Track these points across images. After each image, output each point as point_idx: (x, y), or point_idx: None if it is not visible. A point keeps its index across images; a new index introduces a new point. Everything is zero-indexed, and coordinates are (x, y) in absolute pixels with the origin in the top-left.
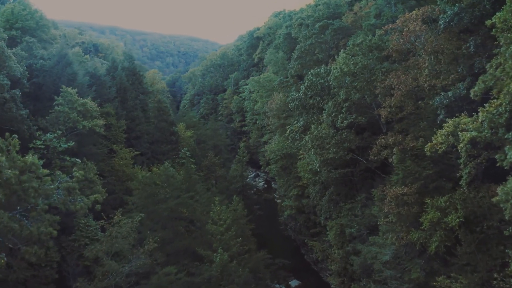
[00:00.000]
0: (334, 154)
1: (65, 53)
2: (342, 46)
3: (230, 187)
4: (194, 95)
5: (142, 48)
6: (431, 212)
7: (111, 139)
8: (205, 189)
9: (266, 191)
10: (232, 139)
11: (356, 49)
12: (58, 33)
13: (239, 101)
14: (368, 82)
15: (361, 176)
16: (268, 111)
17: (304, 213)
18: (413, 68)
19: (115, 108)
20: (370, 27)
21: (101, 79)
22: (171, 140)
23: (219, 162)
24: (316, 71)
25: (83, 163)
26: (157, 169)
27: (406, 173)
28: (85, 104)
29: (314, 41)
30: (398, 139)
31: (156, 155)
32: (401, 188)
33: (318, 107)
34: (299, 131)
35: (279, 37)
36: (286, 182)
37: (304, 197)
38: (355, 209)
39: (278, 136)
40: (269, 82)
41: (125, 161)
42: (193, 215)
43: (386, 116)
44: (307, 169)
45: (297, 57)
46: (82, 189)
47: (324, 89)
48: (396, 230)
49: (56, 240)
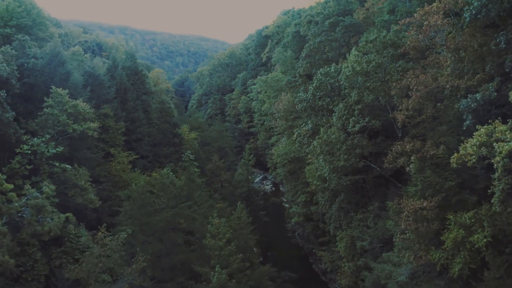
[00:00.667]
0: (345, 162)
1: (58, 52)
2: (354, 44)
3: (235, 192)
4: (202, 95)
5: (152, 48)
6: (454, 230)
7: (109, 142)
8: (207, 196)
9: (274, 194)
10: (240, 140)
11: (369, 46)
12: (59, 32)
13: (247, 102)
14: (382, 82)
15: (374, 184)
16: (275, 112)
17: (312, 220)
18: (433, 67)
19: (114, 109)
20: (384, 23)
21: (100, 79)
22: (174, 143)
23: (224, 166)
24: (326, 70)
25: (74, 169)
26: (156, 174)
27: (426, 185)
28: (77, 106)
29: (324, 38)
30: (416, 146)
31: (158, 158)
32: (420, 202)
33: (327, 109)
34: (307, 135)
35: (287, 35)
36: (294, 188)
37: (313, 204)
38: (367, 219)
39: (286, 138)
40: (277, 82)
41: (122, 166)
42: (191, 226)
43: (403, 120)
44: (315, 175)
45: (305, 56)
46: (72, 197)
47: (334, 89)
48: (414, 248)
49: (45, 251)
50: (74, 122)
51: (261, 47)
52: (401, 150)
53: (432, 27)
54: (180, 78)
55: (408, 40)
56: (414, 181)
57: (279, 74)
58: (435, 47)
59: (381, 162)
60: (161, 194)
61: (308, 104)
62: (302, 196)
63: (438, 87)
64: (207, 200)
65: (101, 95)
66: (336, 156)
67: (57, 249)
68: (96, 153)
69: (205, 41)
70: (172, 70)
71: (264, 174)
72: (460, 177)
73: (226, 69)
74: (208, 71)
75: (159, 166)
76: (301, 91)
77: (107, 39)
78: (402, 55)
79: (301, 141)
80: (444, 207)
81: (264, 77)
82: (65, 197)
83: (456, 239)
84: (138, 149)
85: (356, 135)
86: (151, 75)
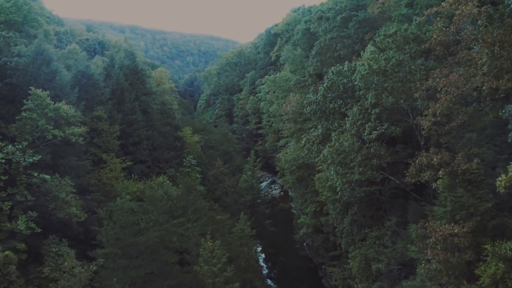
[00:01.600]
0: (360, 175)
1: (43, 49)
2: (368, 40)
3: (239, 200)
4: (210, 95)
5: (162, 47)
6: (492, 263)
7: (102, 147)
8: (207, 207)
9: (282, 199)
10: (248, 141)
11: (388, 41)
12: (59, 29)
13: (255, 102)
14: (403, 82)
15: (391, 195)
16: (284, 114)
17: (322, 232)
18: (464, 65)
19: (108, 111)
20: (401, 17)
21: (93, 79)
22: (175, 146)
23: (229, 171)
24: (338, 69)
25: (55, 179)
26: (150, 182)
27: (457, 206)
28: (58, 109)
29: (336, 35)
30: (444, 157)
31: (157, 163)
32: (449, 227)
33: (339, 112)
34: (317, 141)
35: (297, 33)
36: (302, 196)
37: (323, 215)
38: (384, 237)
39: (294, 143)
40: (286, 81)
41: (114, 174)
42: (185, 244)
43: (429, 128)
44: (325, 185)
45: (316, 54)
46: (52, 211)
47: (348, 90)
48: (442, 281)
49: (23, 270)
50: (55, 127)
51: (270, 46)
52: (426, 162)
53: (465, 17)
54: (189, 77)
55: (434, 34)
56: (442, 201)
57: (288, 74)
58: (466, 42)
59: (399, 173)
60: (151, 209)
61: (318, 106)
62: (311, 206)
63: (471, 88)
64: (206, 212)
65: (95, 96)
66: (350, 169)
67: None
68: (84, 160)
69: (216, 40)
70: (183, 69)
71: (272, 177)
72: (498, 197)
73: (235, 69)
74: (216, 71)
75: (158, 171)
76: (311, 92)
77: (111, 37)
78: (426, 51)
79: (310, 148)
80: (479, 234)
81: (272, 77)
82: (46, 210)
83: (495, 275)
84: (136, 154)
85: (373, 143)
86: (154, 75)
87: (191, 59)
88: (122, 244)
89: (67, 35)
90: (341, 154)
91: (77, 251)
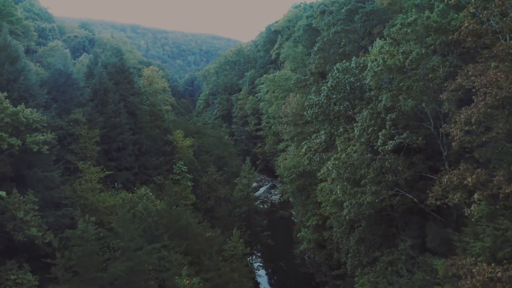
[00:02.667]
0: (373, 197)
1: (7, 45)
2: (377, 34)
3: (234, 211)
4: (209, 95)
5: (163, 47)
6: None
7: (79, 153)
8: (196, 222)
9: (282, 205)
10: (247, 143)
11: (405, 31)
12: (45, 26)
13: (255, 102)
14: (425, 81)
15: (404, 210)
16: (283, 116)
17: (325, 248)
18: (504, 60)
19: (88, 114)
20: (415, 8)
21: (72, 78)
22: (165, 151)
23: (222, 178)
24: (344, 65)
25: (14, 195)
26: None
27: (499, 241)
28: (17, 114)
29: (340, 28)
30: (481, 177)
31: (145, 170)
32: (490, 268)
33: (345, 116)
34: (320, 150)
35: (298, 29)
36: (303, 207)
37: (326, 229)
38: (398, 263)
39: (294, 147)
40: (286, 80)
41: (89, 185)
42: (163, 275)
43: (460, 139)
44: (329, 199)
45: (318, 50)
46: (9, 233)
47: (355, 91)
48: None
49: None
50: (13, 135)
51: (271, 43)
52: (457, 182)
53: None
54: (189, 77)
55: (465, 21)
56: (479, 233)
57: (288, 72)
58: (508, 31)
59: (417, 189)
60: (122, 232)
61: (320, 109)
62: (313, 219)
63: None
64: (193, 229)
65: (73, 97)
66: (360, 186)
67: None
68: (53, 171)
69: (217, 39)
70: (184, 69)
71: (272, 181)
72: None
73: (234, 67)
74: (215, 70)
75: (146, 178)
76: (312, 93)
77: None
78: (455, 43)
79: (311, 158)
80: None
81: (272, 76)
82: (4, 230)
83: None
84: (120, 160)
85: (388, 156)
86: (145, 73)
87: (193, 58)
88: (81, 280)
89: (54, 32)
90: (349, 168)
91: (44, 277)
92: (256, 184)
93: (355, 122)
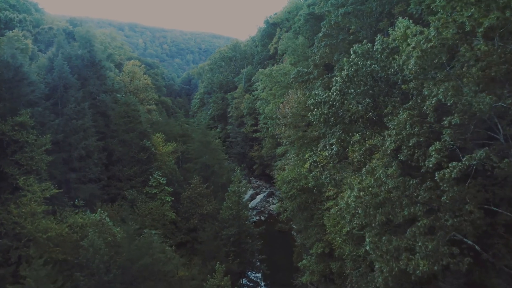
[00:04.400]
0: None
1: None
2: (398, 15)
3: (221, 233)
4: (204, 94)
5: (162, 45)
6: None
7: (24, 165)
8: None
9: (281, 216)
10: (243, 146)
11: None
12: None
13: (251, 101)
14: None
15: None
16: (281, 118)
17: (333, 283)
18: None
19: (40, 115)
20: None
21: (21, 72)
22: (140, 159)
23: (209, 192)
24: (365, 47)
25: None
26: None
27: None
28: None
29: (351, 9)
30: None
31: (116, 182)
32: None
33: (367, 120)
34: (330, 166)
35: (298, 19)
36: (305, 229)
37: (334, 259)
38: None
39: (295, 154)
40: (285, 75)
41: (29, 207)
42: None
43: None
44: (341, 232)
45: (323, 36)
46: None
47: (381, 83)
48: None
49: None
50: None
51: (269, 37)
52: None
53: None
54: (186, 75)
55: None
56: None
57: (287, 66)
58: None
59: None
60: None
61: (332, 109)
62: (318, 246)
63: None
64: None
65: (22, 95)
66: (403, 238)
67: None
68: None
69: (217, 38)
70: (182, 67)
71: (270, 188)
72: None
73: (229, 64)
74: (209, 66)
75: (116, 193)
76: (318, 88)
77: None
78: None
79: (317, 176)
80: None
81: (268, 70)
82: None
83: None
84: (84, 170)
85: (450, 188)
86: (125, 69)
87: (191, 57)
88: None
89: (24, 23)
90: (376, 204)
91: None
92: (253, 191)
93: (379, 127)
